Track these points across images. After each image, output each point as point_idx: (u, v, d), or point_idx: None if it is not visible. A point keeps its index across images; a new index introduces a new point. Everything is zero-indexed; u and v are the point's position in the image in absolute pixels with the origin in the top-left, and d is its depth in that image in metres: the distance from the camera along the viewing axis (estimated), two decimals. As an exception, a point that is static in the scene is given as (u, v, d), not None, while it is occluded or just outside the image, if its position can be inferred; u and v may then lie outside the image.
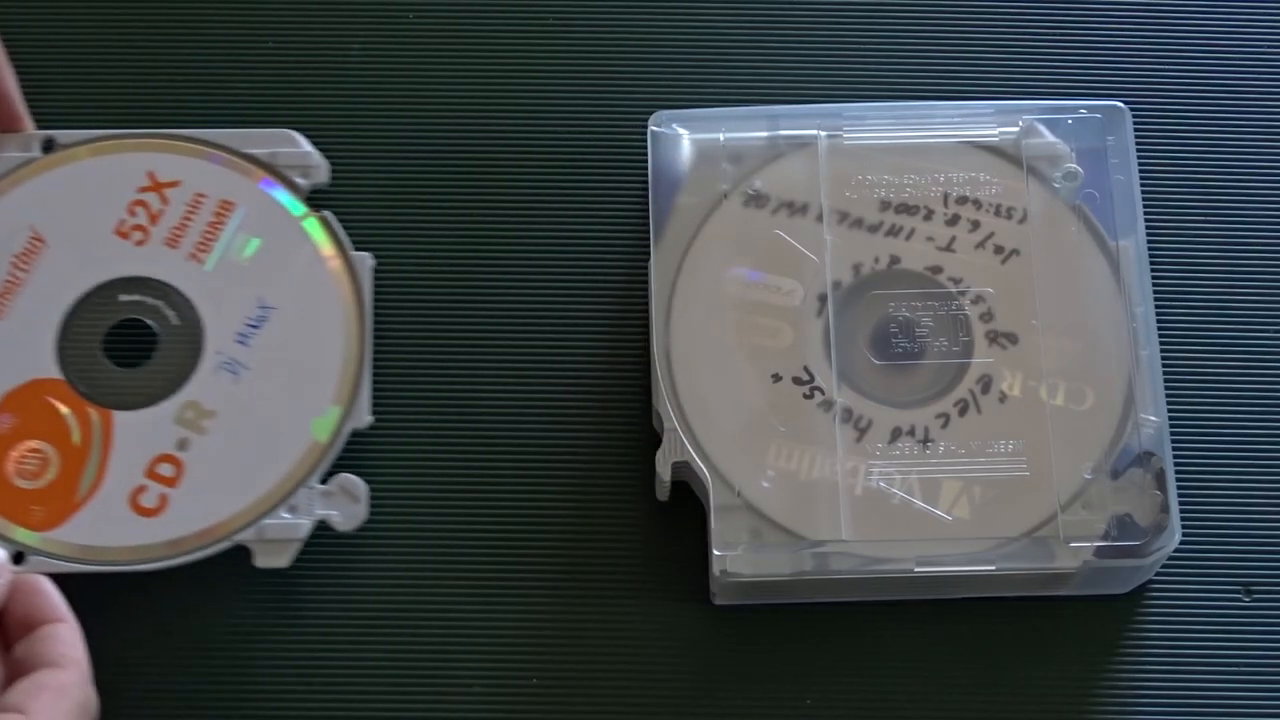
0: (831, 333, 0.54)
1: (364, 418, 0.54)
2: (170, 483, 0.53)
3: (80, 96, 0.59)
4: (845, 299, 0.55)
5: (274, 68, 0.59)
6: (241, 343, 0.54)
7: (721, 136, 0.56)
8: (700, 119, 0.56)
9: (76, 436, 0.53)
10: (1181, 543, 0.52)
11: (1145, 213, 0.55)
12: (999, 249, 0.55)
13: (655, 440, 0.54)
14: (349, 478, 0.53)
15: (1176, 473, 0.52)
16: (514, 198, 0.58)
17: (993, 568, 0.52)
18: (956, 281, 0.55)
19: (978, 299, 0.55)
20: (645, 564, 0.54)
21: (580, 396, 0.56)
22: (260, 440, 0.53)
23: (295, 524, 0.53)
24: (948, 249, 0.55)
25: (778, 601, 0.53)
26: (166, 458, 0.53)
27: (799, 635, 0.53)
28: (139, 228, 0.55)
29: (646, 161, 0.56)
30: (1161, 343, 0.54)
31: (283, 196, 0.56)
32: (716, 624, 0.53)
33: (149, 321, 0.55)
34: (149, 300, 0.55)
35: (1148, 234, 0.55)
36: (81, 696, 0.48)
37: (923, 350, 0.55)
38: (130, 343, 0.55)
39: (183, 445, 0.53)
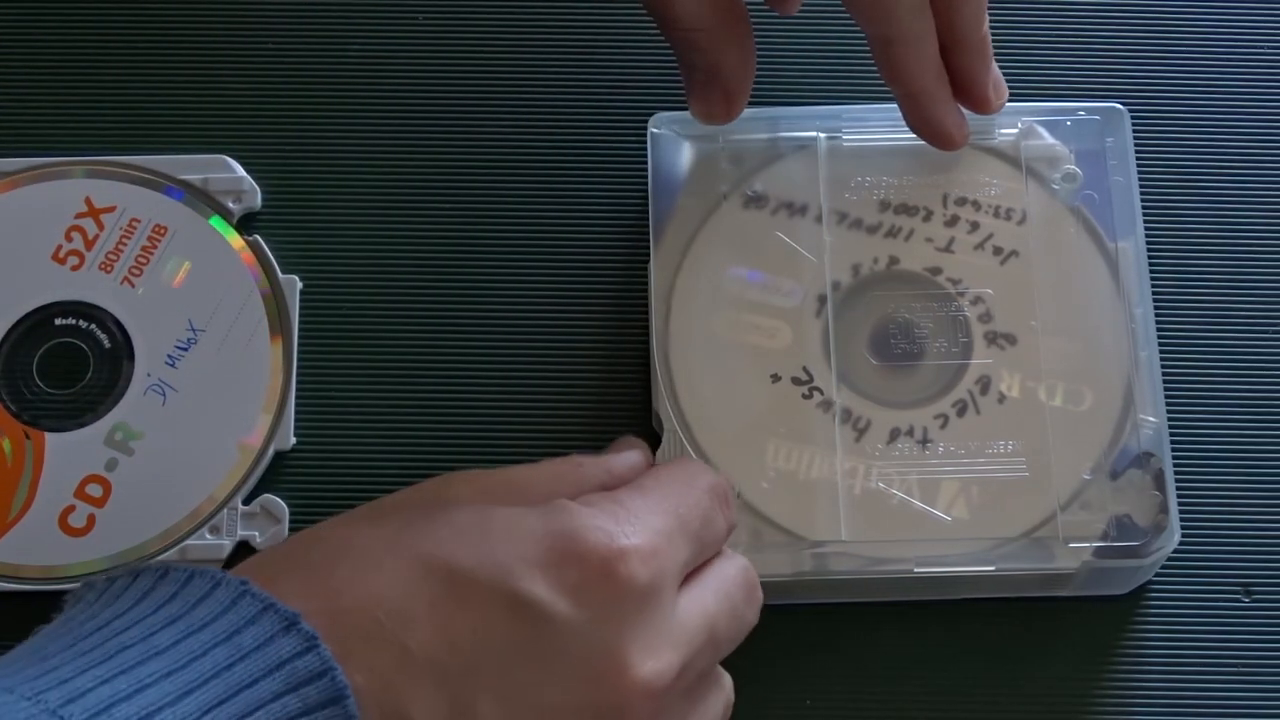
0: (831, 333, 0.54)
1: (287, 439, 0.55)
2: (98, 503, 0.54)
3: (19, 125, 0.59)
4: (844, 300, 0.55)
5: (211, 92, 0.59)
6: (170, 365, 0.55)
7: (721, 138, 0.56)
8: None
9: (10, 458, 0.54)
10: (1181, 543, 0.52)
11: (1144, 214, 0.55)
12: (998, 250, 0.55)
13: (656, 441, 0.53)
14: (270, 498, 0.54)
15: (1176, 473, 0.52)
16: (513, 200, 0.58)
17: (992, 568, 0.52)
18: (955, 282, 0.55)
19: (976, 300, 0.55)
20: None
21: (580, 397, 0.56)
22: (185, 461, 0.54)
23: (217, 544, 0.53)
24: (947, 250, 0.55)
25: (778, 602, 0.53)
26: (95, 478, 0.54)
27: (799, 635, 0.53)
28: (75, 253, 0.56)
29: (646, 163, 0.56)
30: (1160, 343, 0.54)
31: (215, 221, 0.57)
32: (716, 624, 0.53)
33: (82, 344, 0.55)
34: (83, 324, 0.55)
35: (1146, 235, 0.55)
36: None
37: (922, 351, 0.55)
38: (64, 365, 0.55)
39: (111, 466, 0.54)
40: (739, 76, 0.53)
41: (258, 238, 0.57)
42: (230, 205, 0.57)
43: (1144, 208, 0.56)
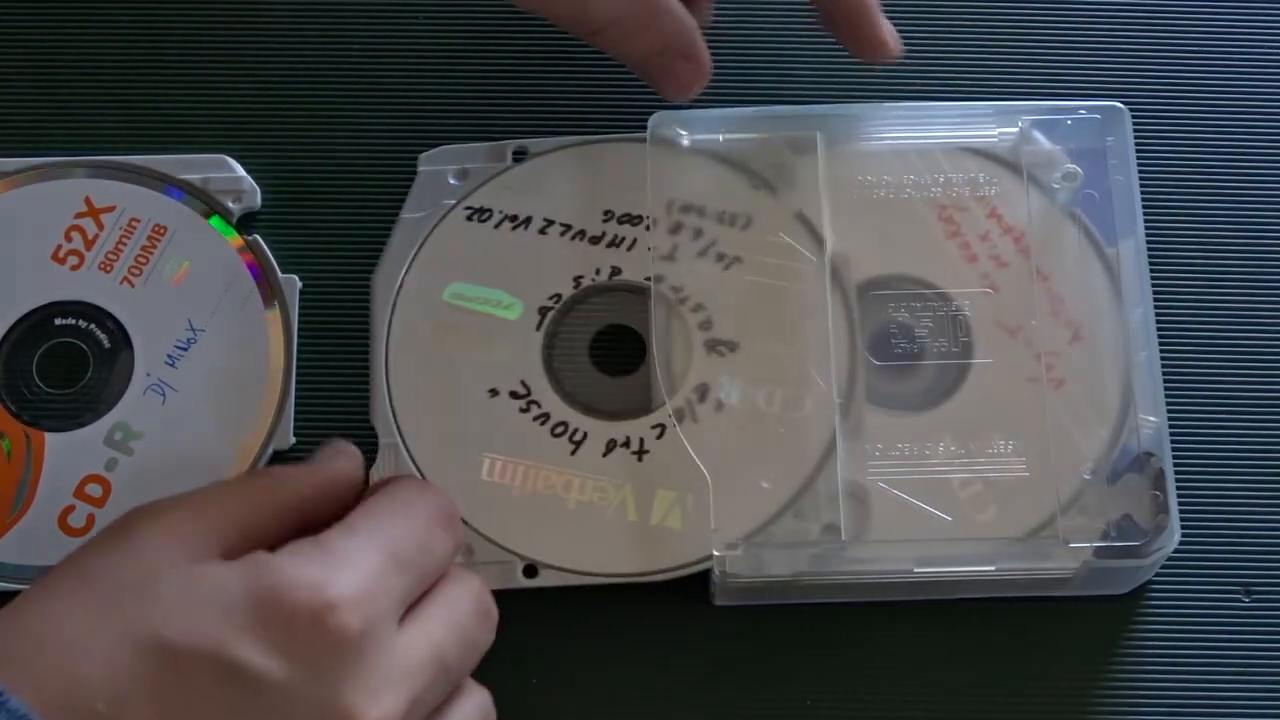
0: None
1: (287, 438, 0.55)
2: (98, 503, 0.53)
3: (19, 125, 0.59)
4: (564, 311, 0.55)
5: (211, 92, 0.59)
6: (170, 364, 0.55)
7: (721, 137, 0.56)
8: (700, 119, 0.56)
9: (10, 457, 0.54)
10: (1181, 543, 0.52)
11: (1144, 213, 0.55)
12: (721, 257, 0.55)
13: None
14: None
15: (1176, 473, 0.52)
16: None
17: (992, 568, 0.52)
18: (678, 290, 0.55)
19: (698, 307, 0.54)
20: (645, 564, 0.54)
21: (580, 397, 0.56)
22: (185, 461, 0.54)
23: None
24: (669, 258, 0.55)
25: (778, 602, 0.53)
26: (95, 478, 0.54)
27: (799, 636, 0.53)
28: (75, 252, 0.56)
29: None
30: (1161, 343, 0.54)
31: (214, 221, 0.57)
32: (716, 624, 0.53)
33: (82, 344, 0.55)
34: (82, 324, 0.55)
35: (1147, 235, 0.55)
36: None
37: (639, 361, 0.55)
38: (64, 365, 0.55)
39: (111, 466, 0.54)
40: (686, 37, 0.52)
41: (257, 237, 0.57)
42: (230, 205, 0.57)
43: (1144, 207, 0.56)
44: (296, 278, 0.56)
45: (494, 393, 0.54)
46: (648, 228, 0.55)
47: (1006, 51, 0.60)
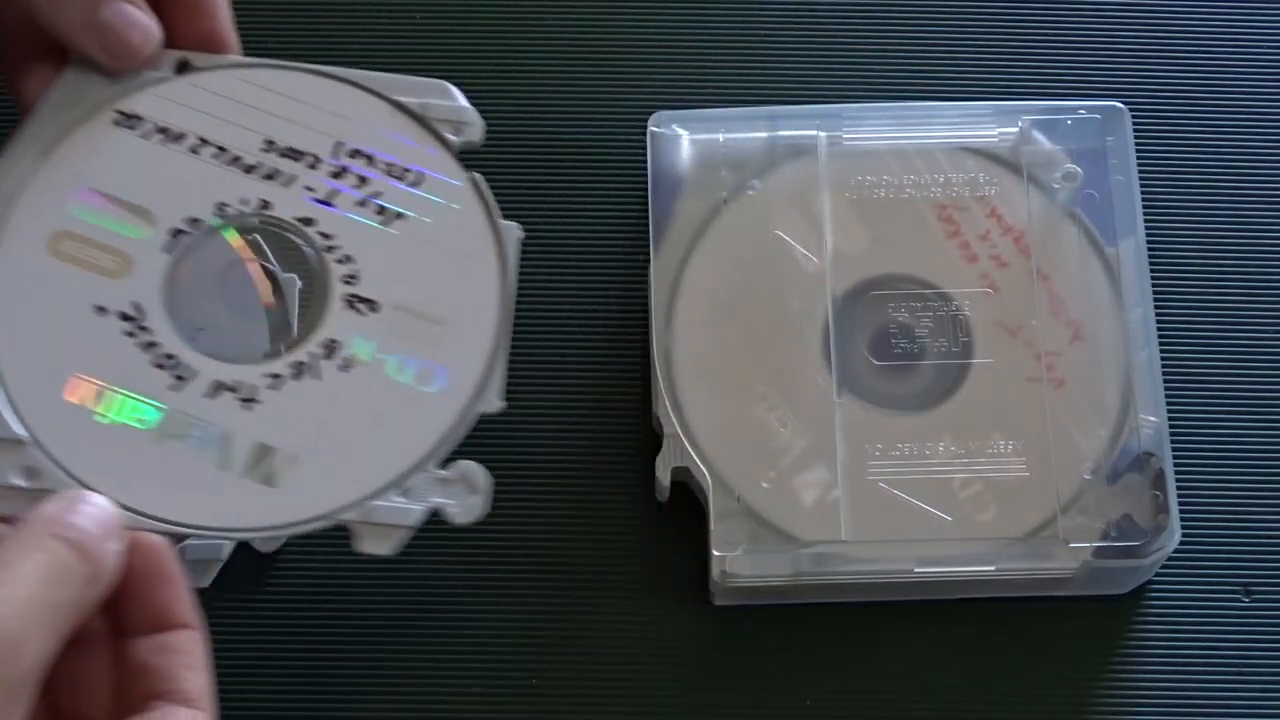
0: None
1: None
2: None
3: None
4: (199, 238, 0.50)
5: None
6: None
7: (721, 137, 0.56)
8: (700, 119, 0.56)
9: None
10: (1181, 543, 0.52)
11: (1144, 213, 0.55)
12: (382, 210, 0.51)
13: (654, 441, 0.53)
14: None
15: (1176, 473, 0.52)
16: (512, 198, 0.58)
17: (992, 568, 0.52)
18: (328, 237, 0.51)
19: (345, 259, 0.50)
20: (645, 564, 0.54)
21: (580, 398, 0.56)
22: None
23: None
24: (325, 202, 0.51)
25: (778, 602, 0.53)
26: None
27: (799, 636, 0.53)
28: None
29: (645, 162, 0.56)
30: (1161, 343, 0.54)
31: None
32: (716, 624, 0.53)
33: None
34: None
35: (1147, 235, 0.55)
36: None
37: (271, 303, 0.51)
38: None
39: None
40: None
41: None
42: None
43: (1144, 207, 0.56)
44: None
45: (101, 310, 0.49)
46: (311, 165, 0.51)
47: (1006, 51, 0.60)
